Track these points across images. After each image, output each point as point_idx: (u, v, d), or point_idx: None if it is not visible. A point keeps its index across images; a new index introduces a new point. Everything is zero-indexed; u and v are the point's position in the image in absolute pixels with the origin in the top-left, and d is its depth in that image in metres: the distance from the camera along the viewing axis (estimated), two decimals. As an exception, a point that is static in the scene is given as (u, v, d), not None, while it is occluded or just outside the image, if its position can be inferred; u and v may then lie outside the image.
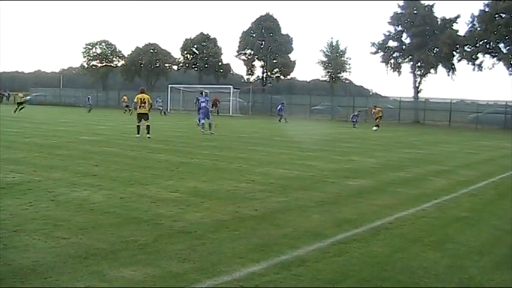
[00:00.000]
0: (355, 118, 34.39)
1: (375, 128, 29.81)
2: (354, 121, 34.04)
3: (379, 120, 30.72)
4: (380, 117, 30.91)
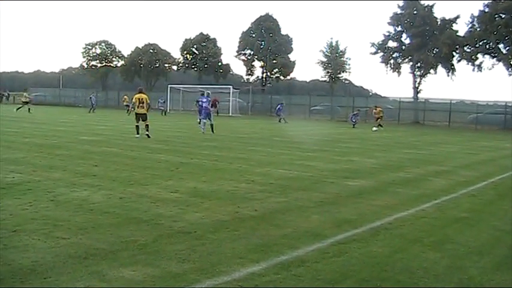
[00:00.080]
0: (354, 118, 34.36)
1: (375, 129, 29.80)
2: (354, 121, 34.02)
3: (380, 120, 30.68)
4: (381, 117, 30.88)
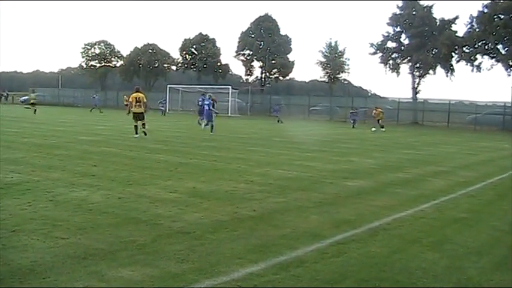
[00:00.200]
0: (353, 117, 34.32)
1: (374, 129, 29.82)
2: (353, 121, 33.98)
3: (381, 121, 30.64)
4: (381, 118, 30.82)
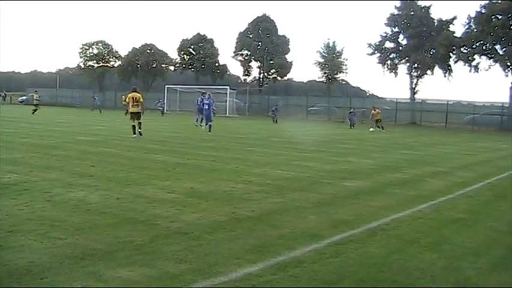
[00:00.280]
0: (351, 117, 34.31)
1: (372, 129, 29.85)
2: (351, 121, 33.96)
3: (380, 122, 30.64)
4: (379, 119, 30.83)
